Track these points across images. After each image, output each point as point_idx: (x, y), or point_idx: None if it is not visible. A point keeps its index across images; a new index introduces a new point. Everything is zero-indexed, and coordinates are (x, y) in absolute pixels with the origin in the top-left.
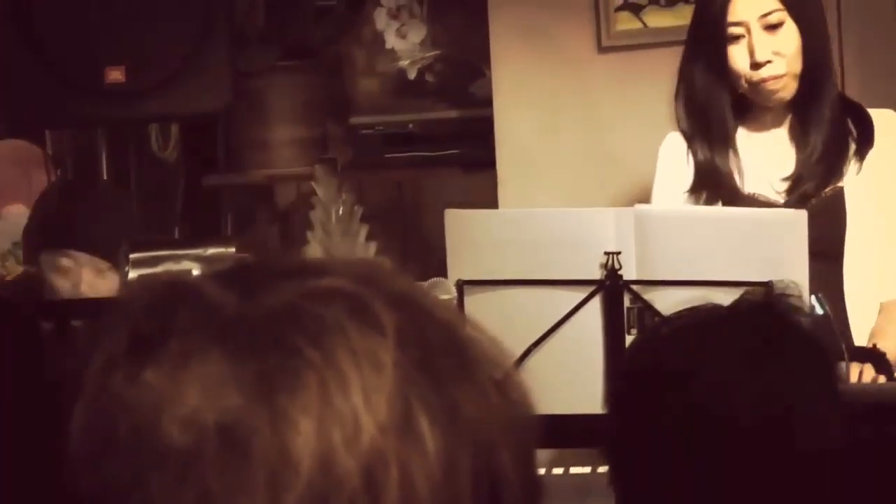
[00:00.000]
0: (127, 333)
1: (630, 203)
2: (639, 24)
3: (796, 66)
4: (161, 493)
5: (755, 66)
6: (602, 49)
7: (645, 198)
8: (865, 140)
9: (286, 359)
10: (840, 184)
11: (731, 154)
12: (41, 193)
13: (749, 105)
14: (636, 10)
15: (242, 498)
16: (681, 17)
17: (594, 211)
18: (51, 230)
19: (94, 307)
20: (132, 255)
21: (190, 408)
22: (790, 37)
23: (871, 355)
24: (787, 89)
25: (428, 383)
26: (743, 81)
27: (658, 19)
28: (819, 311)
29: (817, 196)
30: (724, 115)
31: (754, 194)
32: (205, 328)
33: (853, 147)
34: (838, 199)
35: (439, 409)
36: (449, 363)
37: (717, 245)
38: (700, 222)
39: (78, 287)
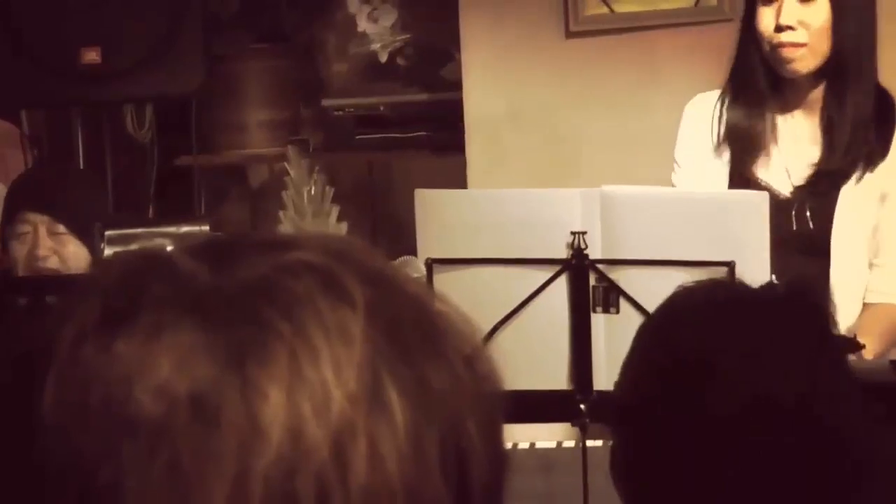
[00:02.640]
0: (99, 305)
1: (596, 184)
2: (606, 10)
3: (821, 42)
4: (131, 463)
5: (778, 28)
6: (570, 34)
7: (611, 179)
8: (890, 129)
9: (257, 330)
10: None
11: (764, 118)
12: (13, 182)
13: (779, 84)
14: None
15: (212, 466)
16: (647, 4)
17: (561, 192)
18: (8, 201)
19: (68, 283)
20: (107, 233)
21: (162, 378)
22: (821, 11)
23: (851, 345)
24: (803, 61)
25: (397, 356)
26: (765, 44)
27: (625, 5)
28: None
29: (828, 194)
30: (756, 75)
31: (767, 185)
32: (177, 300)
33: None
34: (834, 197)
35: (408, 381)
36: (418, 337)
37: (681, 225)
38: (664, 203)
39: (35, 251)
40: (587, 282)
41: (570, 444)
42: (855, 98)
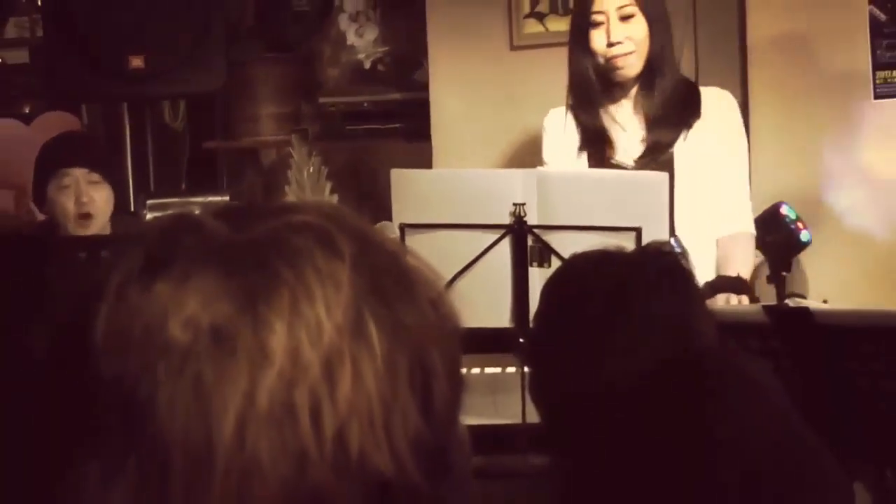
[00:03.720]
0: (142, 255)
1: (534, 166)
2: (542, 29)
3: (643, 50)
4: (164, 379)
5: (610, 45)
6: (514, 47)
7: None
8: (691, 111)
9: (266, 276)
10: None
11: (603, 119)
12: (43, 145)
13: (608, 84)
14: (540, 17)
15: (228, 382)
16: None
17: (506, 172)
18: (50, 160)
19: (116, 240)
20: (149, 202)
21: (189, 313)
22: (639, 26)
23: (733, 283)
24: (632, 67)
25: (376, 298)
26: (599, 58)
27: (556, 25)
28: (678, 250)
29: (658, 160)
30: (593, 87)
31: (615, 161)
32: (203, 251)
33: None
34: (670, 161)
35: (385, 318)
36: (393, 283)
37: (599, 199)
38: (587, 182)
39: (80, 198)
40: (526, 243)
41: (511, 370)
42: (661, 87)
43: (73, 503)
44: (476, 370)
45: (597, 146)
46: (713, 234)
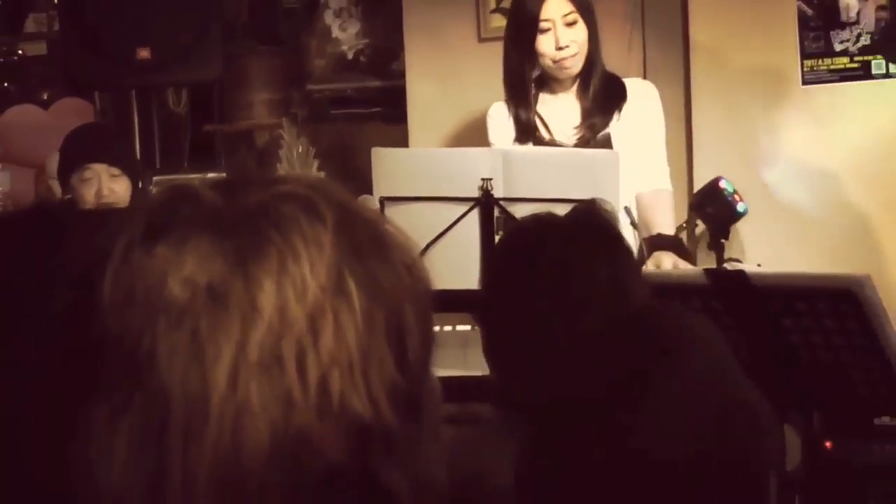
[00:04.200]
0: (145, 222)
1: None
2: (505, 24)
3: (584, 51)
4: (165, 332)
5: (559, 48)
6: (481, 39)
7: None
8: (620, 98)
9: (256, 240)
10: (608, 130)
11: (535, 112)
12: (69, 133)
13: (546, 79)
14: (504, 12)
15: (222, 335)
16: None
17: (474, 150)
18: (75, 153)
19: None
20: (155, 178)
21: (187, 273)
22: (581, 31)
23: (671, 241)
24: (576, 67)
25: (356, 260)
26: (548, 60)
27: None
28: (627, 219)
29: (594, 139)
30: (529, 85)
31: (557, 141)
32: (199, 218)
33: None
34: (608, 139)
35: (363, 278)
36: (371, 247)
37: (558, 174)
38: (547, 159)
39: (101, 191)
40: (492, 214)
41: (476, 330)
42: (594, 82)
43: (85, 438)
44: (448, 327)
45: (530, 136)
46: (633, 192)
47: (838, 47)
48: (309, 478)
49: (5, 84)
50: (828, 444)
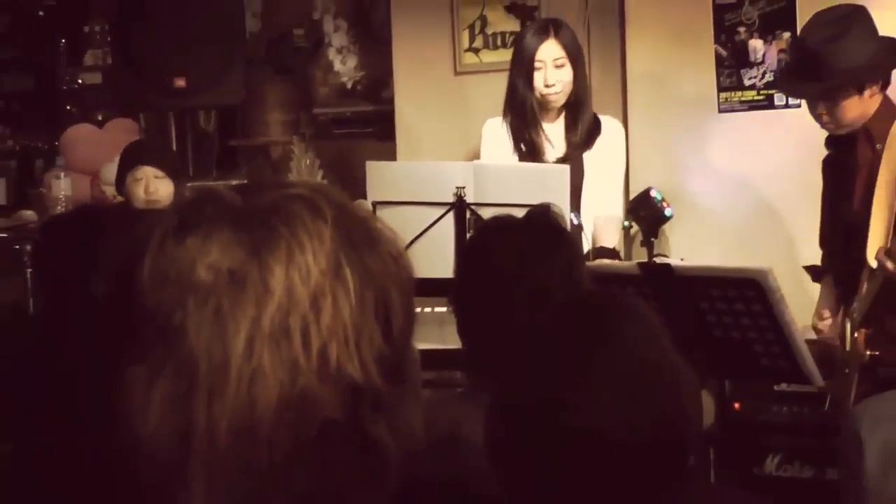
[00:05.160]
0: (177, 218)
1: (472, 160)
2: (478, 60)
3: (568, 89)
4: (193, 309)
5: (547, 86)
6: (457, 73)
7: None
8: (597, 132)
9: (268, 233)
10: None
11: (541, 134)
12: (126, 146)
13: (543, 111)
14: (476, 51)
15: (240, 312)
16: (501, 56)
17: (451, 163)
18: (130, 159)
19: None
20: (188, 184)
21: (212, 260)
22: (568, 72)
23: (608, 252)
24: (559, 101)
25: (351, 251)
26: (538, 93)
27: (488, 56)
28: (576, 222)
29: (576, 161)
30: (533, 109)
31: (546, 161)
32: (222, 215)
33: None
34: (580, 161)
35: (357, 266)
36: (364, 240)
37: (518, 184)
38: (511, 171)
39: (148, 188)
40: (465, 215)
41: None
42: (584, 119)
43: (127, 394)
44: (428, 309)
45: (532, 154)
46: (598, 213)
47: (747, 82)
48: (310, 429)
49: (68, 107)
50: (736, 405)
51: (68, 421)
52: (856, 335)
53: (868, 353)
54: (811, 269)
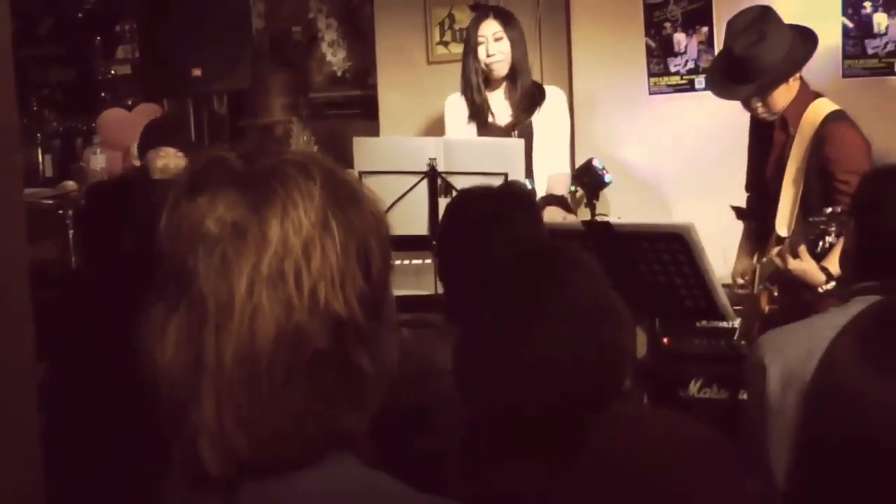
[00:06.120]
0: (188, 180)
1: (442, 135)
2: (447, 51)
3: (508, 59)
4: (203, 256)
5: (489, 56)
6: (429, 63)
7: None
8: (541, 98)
9: (267, 192)
10: (531, 119)
11: (483, 98)
12: (144, 126)
13: (487, 80)
14: (445, 44)
15: (243, 258)
16: None
17: (424, 139)
18: (153, 139)
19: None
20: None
21: (218, 214)
22: (506, 45)
23: (559, 200)
24: (502, 70)
25: (337, 207)
26: (482, 64)
27: (456, 48)
28: (530, 187)
29: (522, 124)
30: (478, 80)
31: (496, 123)
32: (227, 178)
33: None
34: (530, 126)
35: (342, 219)
36: (347, 198)
37: (481, 155)
38: (475, 145)
39: (168, 164)
40: (436, 182)
41: (427, 261)
42: (521, 83)
43: (147, 328)
44: (406, 261)
45: (480, 117)
46: (549, 172)
47: (672, 69)
48: (303, 358)
49: (102, 94)
50: (665, 340)
51: (100, 351)
52: (759, 290)
53: (768, 307)
54: (737, 210)
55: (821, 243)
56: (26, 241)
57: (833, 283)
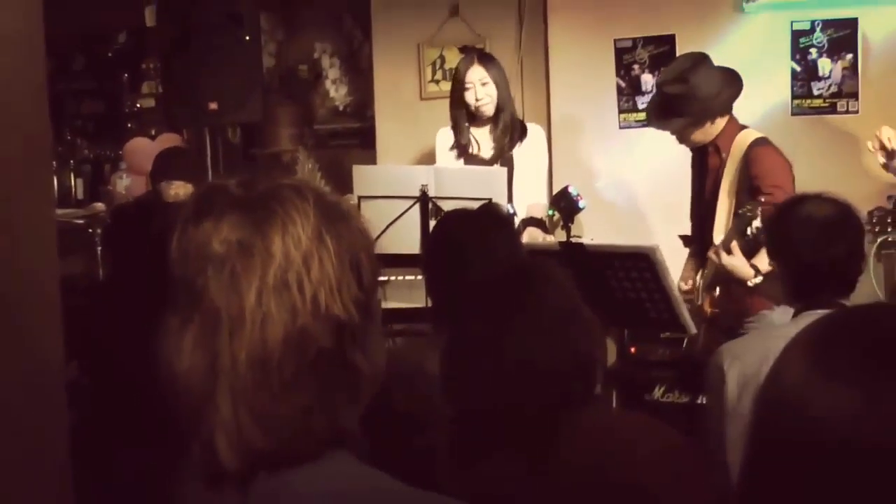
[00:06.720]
0: (194, 206)
1: (433, 164)
2: (438, 88)
3: (494, 101)
4: (212, 274)
5: (477, 100)
6: (422, 98)
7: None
8: (523, 134)
9: (267, 212)
10: (512, 152)
11: (468, 138)
12: (156, 156)
13: (473, 117)
14: (436, 82)
15: (250, 273)
16: None
17: (417, 167)
18: (164, 170)
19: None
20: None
21: (224, 235)
22: (492, 88)
23: (537, 222)
24: (489, 111)
25: (329, 224)
26: (471, 107)
27: (446, 86)
28: (511, 211)
29: (503, 157)
30: (463, 121)
31: (481, 156)
32: (228, 202)
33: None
34: (512, 158)
35: (335, 235)
36: (338, 217)
37: (468, 182)
38: (463, 173)
39: (178, 192)
40: (428, 206)
41: (419, 277)
42: (504, 121)
43: (164, 338)
44: (401, 277)
45: (463, 152)
46: (529, 201)
47: (640, 106)
48: (309, 356)
49: (129, 125)
50: (632, 349)
51: (124, 359)
52: (702, 299)
53: (710, 310)
54: (683, 238)
55: (748, 229)
56: (57, 255)
57: (761, 278)
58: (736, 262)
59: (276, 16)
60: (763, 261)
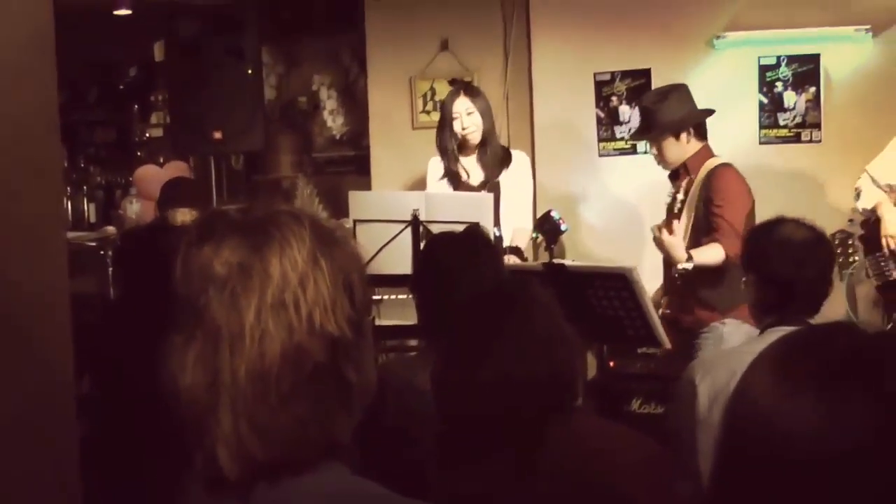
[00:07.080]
0: (197, 231)
1: (424, 190)
2: (429, 118)
3: (480, 129)
4: (214, 294)
5: (464, 129)
6: (414, 128)
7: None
8: (508, 161)
9: (265, 236)
10: (499, 178)
11: (458, 166)
12: (162, 186)
13: (461, 146)
14: (427, 113)
15: (249, 293)
16: None
17: (409, 192)
18: (170, 198)
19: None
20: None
21: (225, 258)
22: (477, 118)
23: (516, 251)
24: (475, 139)
25: (324, 247)
26: (458, 135)
27: (436, 117)
28: (497, 234)
29: (491, 182)
30: (453, 150)
31: (469, 183)
32: (230, 227)
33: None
34: (498, 184)
35: (329, 257)
36: (331, 241)
37: (457, 207)
38: (452, 198)
39: (185, 219)
40: (419, 230)
41: (410, 297)
42: (491, 150)
43: (168, 355)
44: (394, 296)
45: (454, 179)
46: (515, 225)
47: (618, 135)
48: (305, 371)
49: (139, 153)
50: (612, 363)
51: (132, 373)
52: (662, 301)
53: (665, 312)
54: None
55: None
56: (67, 275)
57: (691, 265)
58: (674, 241)
59: (278, 50)
60: (698, 253)
